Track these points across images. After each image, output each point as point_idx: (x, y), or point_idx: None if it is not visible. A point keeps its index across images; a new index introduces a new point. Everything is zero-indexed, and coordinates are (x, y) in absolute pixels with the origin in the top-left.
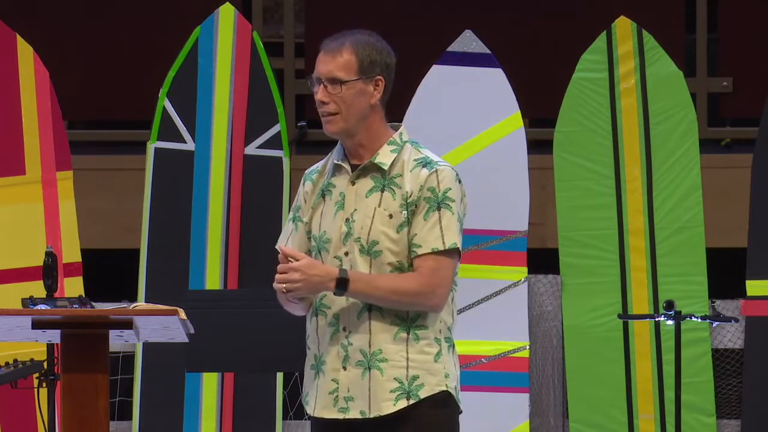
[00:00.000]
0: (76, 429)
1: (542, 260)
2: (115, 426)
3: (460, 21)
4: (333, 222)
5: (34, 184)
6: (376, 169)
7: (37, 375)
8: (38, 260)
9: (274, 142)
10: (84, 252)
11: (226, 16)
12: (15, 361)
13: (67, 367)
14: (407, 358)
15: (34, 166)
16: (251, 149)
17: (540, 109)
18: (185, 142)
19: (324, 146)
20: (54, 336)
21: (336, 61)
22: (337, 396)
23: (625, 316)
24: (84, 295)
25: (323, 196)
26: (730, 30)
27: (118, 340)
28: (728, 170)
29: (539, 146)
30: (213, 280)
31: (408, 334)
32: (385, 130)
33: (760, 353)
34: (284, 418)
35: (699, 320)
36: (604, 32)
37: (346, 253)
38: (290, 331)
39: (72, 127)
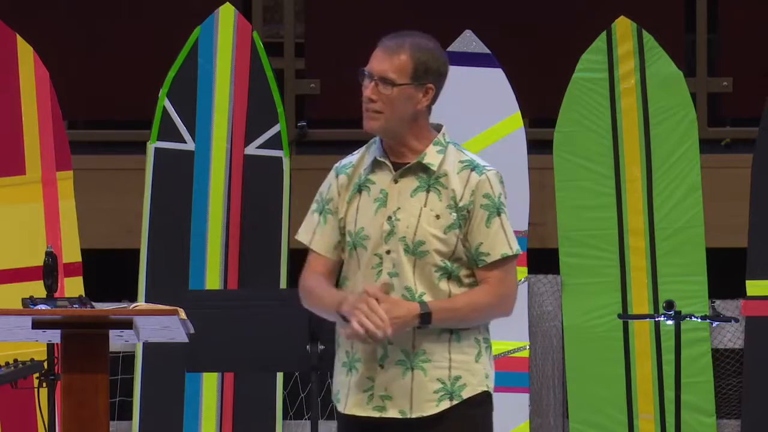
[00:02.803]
0: (76, 429)
1: (542, 260)
2: (115, 426)
3: (460, 21)
4: (373, 219)
5: (34, 184)
6: (422, 169)
7: (37, 375)
8: (38, 260)
9: (274, 142)
10: (84, 252)
11: (226, 16)
12: (15, 361)
13: (67, 367)
14: (450, 359)
15: (34, 166)
16: (251, 149)
17: (540, 109)
18: (185, 142)
19: (324, 146)
20: (54, 336)
21: (392, 61)
22: (372, 394)
23: (625, 316)
24: (84, 295)
25: (359, 191)
26: (730, 30)
27: (118, 340)
28: (728, 170)
29: (539, 146)
30: (213, 280)
31: (451, 334)
32: (429, 131)
33: (760, 353)
34: (284, 418)
35: (699, 320)
36: (604, 32)
37: (388, 252)
38: (290, 331)
39: (72, 127)
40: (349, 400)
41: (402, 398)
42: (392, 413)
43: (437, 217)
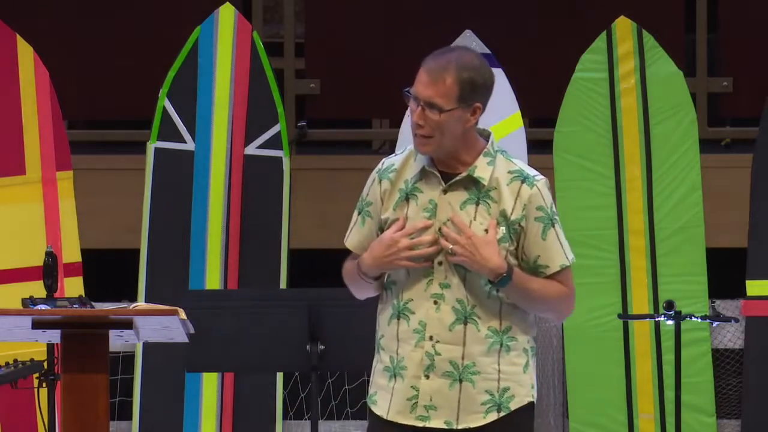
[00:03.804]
0: (76, 429)
1: None
2: (115, 426)
3: (460, 21)
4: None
5: (34, 184)
6: (472, 181)
7: (37, 375)
8: (38, 260)
9: (274, 142)
10: (84, 252)
11: (226, 16)
12: (15, 361)
13: (67, 367)
14: (499, 370)
15: (34, 166)
16: (251, 149)
17: (540, 109)
18: (185, 142)
19: (324, 146)
20: (54, 336)
21: (437, 86)
22: (416, 403)
23: (625, 316)
24: (84, 295)
25: (407, 199)
26: (730, 30)
27: (118, 340)
28: (728, 170)
29: (539, 146)
30: (213, 280)
31: (501, 345)
32: (476, 141)
33: (760, 353)
34: (284, 418)
35: (699, 320)
36: (604, 32)
37: (440, 263)
38: (290, 331)
39: (72, 127)
40: (392, 407)
41: (448, 409)
42: (436, 423)
43: (487, 231)
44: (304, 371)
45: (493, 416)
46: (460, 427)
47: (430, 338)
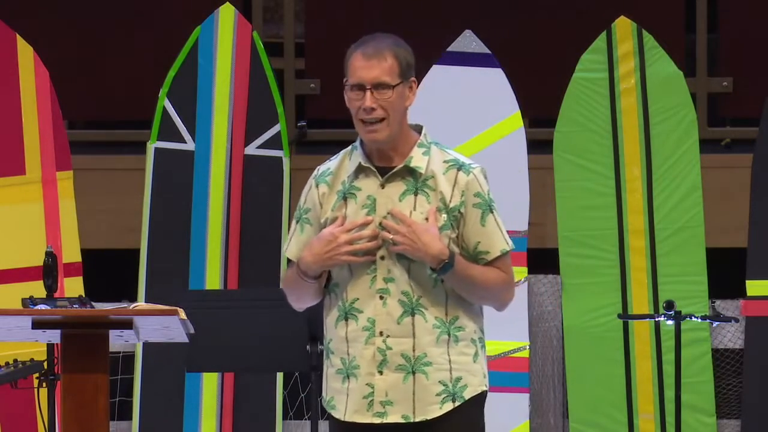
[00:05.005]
0: (76, 429)
1: (542, 260)
2: (115, 426)
3: (460, 21)
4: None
5: (34, 184)
6: (409, 172)
7: (37, 375)
8: (38, 260)
9: (274, 142)
10: (84, 252)
11: (226, 16)
12: (15, 361)
13: (67, 367)
14: (449, 360)
15: (34, 166)
16: (251, 149)
17: (540, 109)
18: (185, 142)
19: (324, 146)
20: (54, 336)
21: (381, 66)
22: (372, 400)
23: (625, 316)
24: (84, 295)
25: (344, 199)
26: (730, 30)
27: (118, 340)
28: (728, 170)
29: (539, 146)
30: (213, 280)
31: (449, 336)
32: (410, 133)
33: (760, 353)
34: (284, 418)
35: (699, 320)
36: (604, 32)
37: (382, 257)
38: (290, 331)
39: (72, 127)
40: (349, 407)
41: (404, 403)
42: (394, 418)
43: (427, 220)
44: (304, 371)
45: (449, 406)
46: (417, 419)
47: (381, 334)
